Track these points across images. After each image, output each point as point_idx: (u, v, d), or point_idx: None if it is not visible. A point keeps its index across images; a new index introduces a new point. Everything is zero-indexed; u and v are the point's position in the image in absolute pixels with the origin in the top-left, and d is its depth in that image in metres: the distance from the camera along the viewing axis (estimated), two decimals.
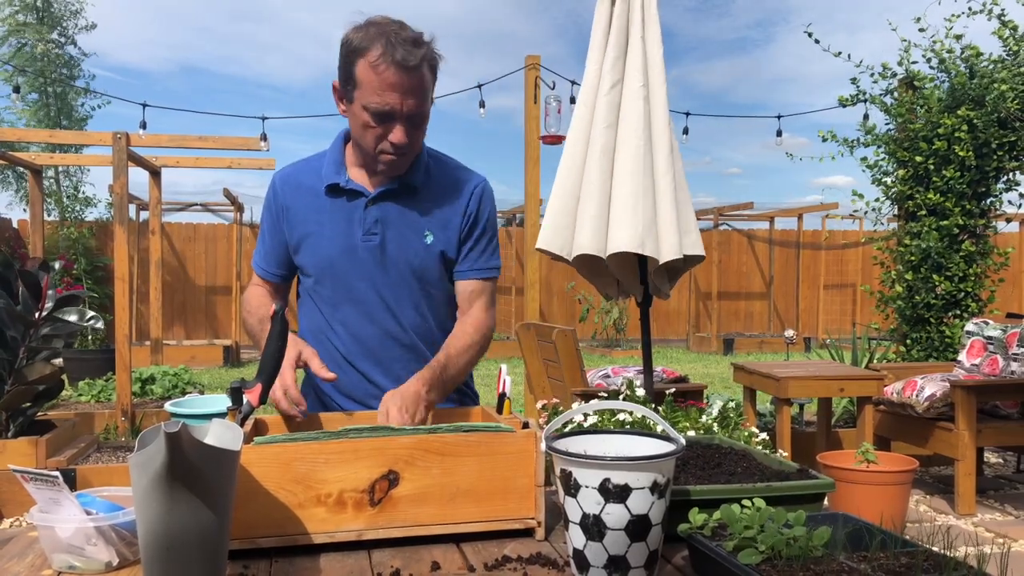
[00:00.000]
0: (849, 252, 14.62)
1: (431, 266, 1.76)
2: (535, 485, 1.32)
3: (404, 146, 1.65)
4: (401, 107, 1.60)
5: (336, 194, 1.75)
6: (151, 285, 8.84)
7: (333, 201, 1.75)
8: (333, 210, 1.75)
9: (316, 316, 1.81)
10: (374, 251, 1.73)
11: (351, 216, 1.74)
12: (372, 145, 1.66)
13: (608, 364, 6.99)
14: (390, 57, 1.56)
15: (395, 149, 1.65)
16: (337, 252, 1.74)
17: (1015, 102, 5.13)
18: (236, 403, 1.43)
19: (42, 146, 11.01)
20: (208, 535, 1.03)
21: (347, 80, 1.63)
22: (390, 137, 1.63)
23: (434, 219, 1.76)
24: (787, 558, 1.06)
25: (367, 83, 1.59)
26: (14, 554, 1.26)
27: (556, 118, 6.41)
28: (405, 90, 1.59)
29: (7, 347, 3.91)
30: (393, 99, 1.59)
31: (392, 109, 1.60)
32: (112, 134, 5.83)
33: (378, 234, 1.73)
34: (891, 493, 3.59)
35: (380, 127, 1.63)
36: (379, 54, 1.57)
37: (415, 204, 1.75)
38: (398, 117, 1.62)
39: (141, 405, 5.91)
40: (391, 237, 1.73)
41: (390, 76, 1.57)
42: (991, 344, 4.77)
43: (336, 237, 1.74)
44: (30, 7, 12.02)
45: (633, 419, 1.89)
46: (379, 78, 1.58)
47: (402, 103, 1.60)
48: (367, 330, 1.76)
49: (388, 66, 1.57)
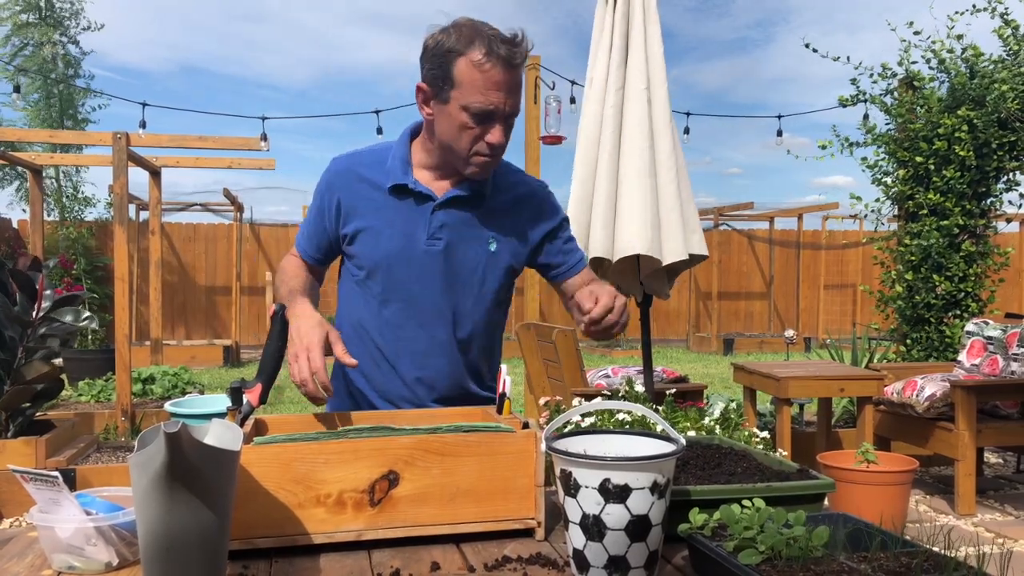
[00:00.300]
0: (849, 252, 14.63)
1: (493, 275, 1.74)
2: (535, 485, 1.32)
3: (500, 147, 1.63)
4: (504, 106, 1.59)
5: (402, 195, 1.71)
6: (151, 285, 8.85)
7: (397, 201, 1.71)
8: (397, 210, 1.71)
9: (360, 308, 1.78)
10: (437, 256, 1.70)
11: (416, 219, 1.70)
12: (467, 146, 1.62)
13: (608, 364, 6.99)
14: (495, 56, 1.55)
15: (491, 150, 1.62)
16: (396, 252, 1.71)
17: (1015, 102, 5.13)
18: (236, 403, 1.43)
19: (43, 146, 11.01)
20: (208, 535, 1.03)
21: (442, 80, 1.59)
22: (487, 137, 1.61)
23: (500, 227, 1.74)
24: (787, 558, 1.06)
25: (469, 82, 1.56)
26: (14, 554, 1.26)
27: (556, 118, 6.41)
28: (508, 89, 1.58)
29: (5, 347, 3.91)
30: (497, 98, 1.57)
31: (495, 108, 1.58)
32: (112, 134, 5.84)
33: (442, 239, 1.70)
34: (891, 493, 3.59)
35: (479, 127, 1.60)
36: (483, 53, 1.55)
37: (481, 211, 1.72)
38: (498, 117, 1.60)
39: (141, 405, 5.91)
40: (455, 243, 1.71)
41: (495, 75, 1.56)
42: (991, 344, 4.77)
43: (397, 237, 1.71)
44: (33, 6, 12.02)
45: (633, 419, 1.89)
46: (484, 76, 1.55)
47: (505, 102, 1.58)
48: (415, 333, 1.74)
49: (494, 64, 1.55)
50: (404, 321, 1.74)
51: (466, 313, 1.75)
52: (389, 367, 1.77)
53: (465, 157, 1.64)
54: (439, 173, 1.73)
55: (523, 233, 1.77)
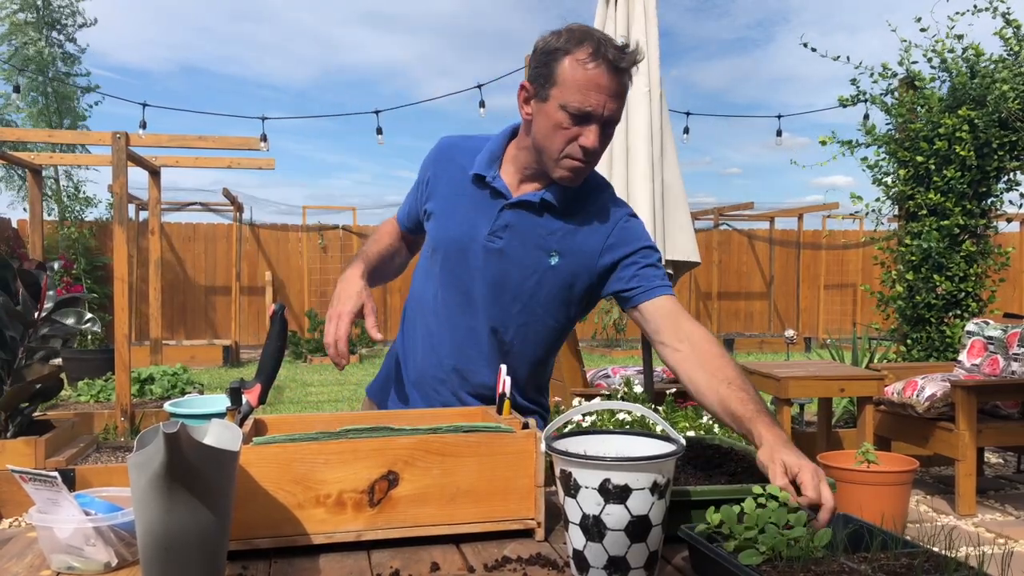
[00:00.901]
0: (849, 252, 14.63)
1: (547, 288, 1.69)
2: (535, 485, 1.32)
3: (594, 152, 1.59)
4: (602, 109, 1.55)
5: (480, 185, 1.71)
6: (151, 285, 8.84)
7: (475, 191, 1.72)
8: (472, 200, 1.72)
9: (423, 285, 1.81)
10: (493, 254, 1.68)
11: (486, 212, 1.70)
12: (560, 147, 1.59)
13: (608, 364, 6.99)
14: (601, 56, 1.53)
15: (584, 154, 1.58)
16: (457, 239, 1.71)
17: (1016, 102, 5.13)
18: (235, 403, 1.43)
19: (42, 146, 11.01)
20: (207, 536, 1.02)
21: (545, 79, 1.58)
22: (581, 140, 1.57)
23: (566, 243, 1.68)
24: (788, 559, 1.05)
25: (571, 81, 1.54)
26: (13, 554, 1.26)
27: None
28: (610, 92, 1.55)
29: (6, 347, 3.91)
30: (597, 100, 1.54)
31: (593, 110, 1.55)
32: (112, 134, 5.83)
33: (503, 239, 1.68)
34: (891, 493, 3.59)
35: (574, 128, 1.57)
36: (589, 52, 1.53)
37: (551, 221, 1.68)
38: (596, 119, 1.56)
39: (140, 405, 5.91)
40: (515, 246, 1.68)
41: (598, 75, 1.53)
42: (992, 344, 4.77)
43: (463, 225, 1.71)
44: (30, 5, 12.02)
45: (632, 419, 1.89)
46: (586, 75, 1.53)
47: (604, 105, 1.55)
48: (459, 321, 1.74)
49: (598, 65, 1.53)
50: (453, 307, 1.74)
51: (511, 318, 1.71)
52: (431, 349, 1.78)
53: (556, 158, 1.60)
54: (525, 175, 1.70)
55: (591, 255, 1.69)
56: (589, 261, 1.69)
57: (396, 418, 1.60)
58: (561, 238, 1.68)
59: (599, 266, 1.69)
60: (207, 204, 13.20)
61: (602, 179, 1.78)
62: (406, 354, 1.86)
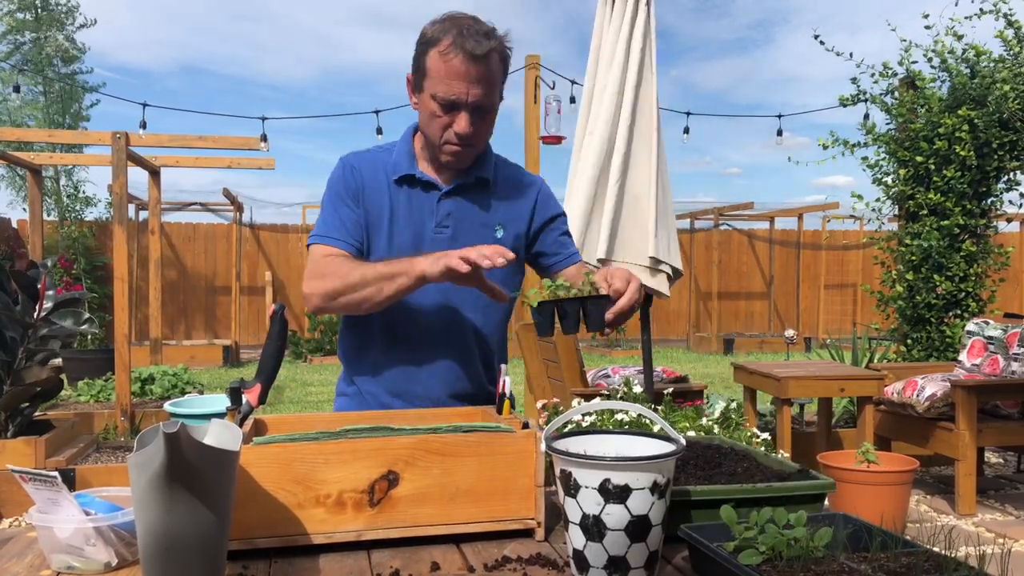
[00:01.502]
0: (850, 252, 14.63)
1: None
2: (535, 485, 1.31)
3: (468, 136, 1.66)
4: (467, 96, 1.62)
5: (408, 185, 1.76)
6: (151, 285, 8.85)
7: (407, 191, 1.76)
8: (405, 201, 1.76)
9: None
10: (444, 244, 1.72)
11: (424, 207, 1.75)
12: (438, 135, 1.68)
13: (608, 364, 6.99)
14: (459, 46, 1.59)
15: (460, 139, 1.66)
16: (406, 242, 1.74)
17: (1016, 102, 5.13)
18: (235, 403, 1.43)
19: (41, 145, 11.01)
20: (207, 536, 1.02)
21: (418, 71, 1.66)
22: (455, 127, 1.65)
23: (504, 214, 1.78)
24: (788, 559, 1.05)
25: (436, 72, 1.62)
26: (13, 554, 1.26)
27: (556, 118, 6.41)
28: (472, 79, 1.61)
29: (6, 348, 3.91)
30: (460, 88, 1.61)
31: (457, 98, 1.62)
32: (112, 134, 5.84)
33: (449, 227, 1.74)
34: (891, 493, 3.59)
35: (446, 116, 1.65)
36: (449, 43, 1.60)
37: (486, 199, 1.77)
38: (463, 106, 1.63)
39: (140, 405, 5.91)
40: (463, 230, 1.74)
41: (458, 64, 1.60)
42: (992, 344, 4.77)
43: (406, 228, 1.75)
44: (29, 5, 12.02)
45: (630, 419, 1.89)
46: (447, 66, 1.60)
47: (468, 91, 1.62)
48: (430, 322, 1.75)
49: (456, 54, 1.59)
50: (420, 311, 1.75)
51: (478, 301, 1.75)
52: (414, 365, 1.77)
53: (438, 145, 1.70)
54: (440, 164, 1.76)
55: (526, 219, 1.81)
56: (524, 224, 1.80)
57: (396, 418, 1.60)
58: (501, 211, 1.77)
59: (532, 228, 1.82)
60: (207, 204, 13.20)
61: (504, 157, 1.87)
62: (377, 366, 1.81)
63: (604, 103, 3.75)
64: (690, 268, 14.79)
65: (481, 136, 1.71)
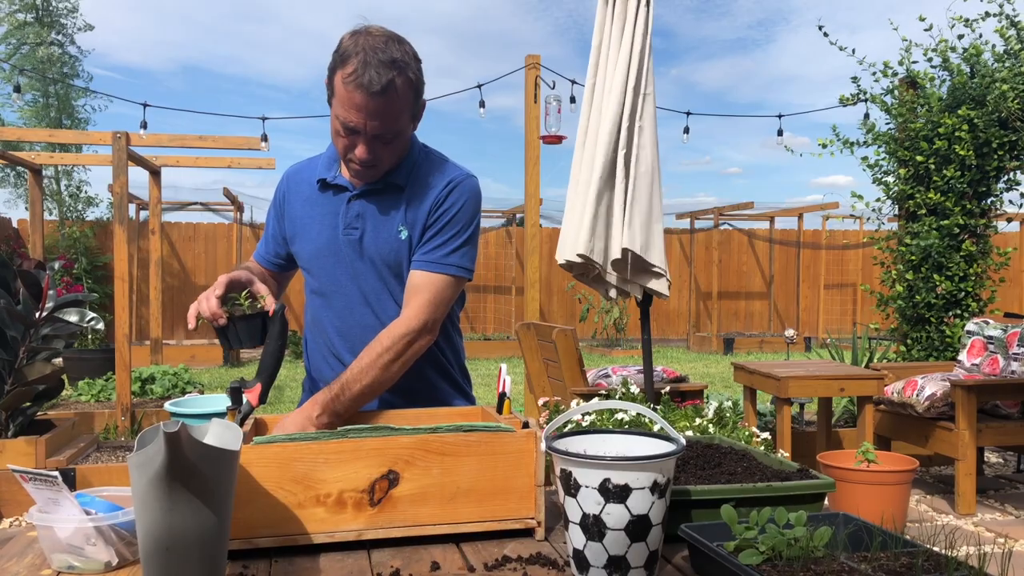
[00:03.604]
0: (849, 252, 14.63)
1: (404, 260, 1.76)
2: (535, 485, 1.32)
3: (367, 160, 1.67)
4: (363, 126, 1.62)
5: (325, 189, 1.80)
6: (151, 285, 8.85)
7: (322, 195, 1.80)
8: (322, 204, 1.80)
9: (312, 309, 1.86)
10: (354, 245, 1.75)
11: (336, 210, 1.77)
12: (342, 151, 1.70)
13: (608, 364, 6.99)
14: (357, 78, 1.57)
15: (359, 162, 1.67)
16: (323, 245, 1.78)
17: (1016, 102, 5.13)
18: (236, 403, 1.43)
19: (42, 145, 11.02)
20: (207, 535, 1.03)
21: (329, 85, 1.66)
22: (355, 151, 1.66)
23: (409, 214, 1.76)
24: (788, 559, 1.06)
25: (339, 95, 1.62)
26: (13, 554, 1.26)
27: (556, 118, 6.41)
28: (369, 112, 1.60)
29: (7, 347, 3.91)
30: (357, 118, 1.61)
31: (355, 126, 1.62)
32: (112, 134, 5.84)
33: (358, 228, 1.75)
34: (891, 493, 3.59)
35: (348, 137, 1.65)
36: (350, 72, 1.58)
37: (395, 201, 1.76)
38: (360, 134, 1.64)
39: (141, 405, 5.91)
40: (368, 231, 1.75)
41: (355, 97, 1.59)
42: (991, 344, 4.77)
43: (323, 231, 1.78)
44: (29, 6, 12.02)
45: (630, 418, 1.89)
46: (347, 95, 1.59)
47: (365, 123, 1.61)
48: (349, 322, 1.79)
49: (355, 87, 1.58)
50: (340, 312, 1.79)
51: (390, 297, 1.77)
52: (335, 359, 1.80)
53: (344, 160, 1.72)
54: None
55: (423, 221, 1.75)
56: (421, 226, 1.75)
57: (396, 418, 1.60)
58: (407, 212, 1.76)
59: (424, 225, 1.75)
60: (207, 204, 13.20)
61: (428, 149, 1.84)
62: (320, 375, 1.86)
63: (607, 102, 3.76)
64: (690, 268, 14.79)
65: (384, 159, 1.70)
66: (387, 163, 1.72)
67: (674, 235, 14.72)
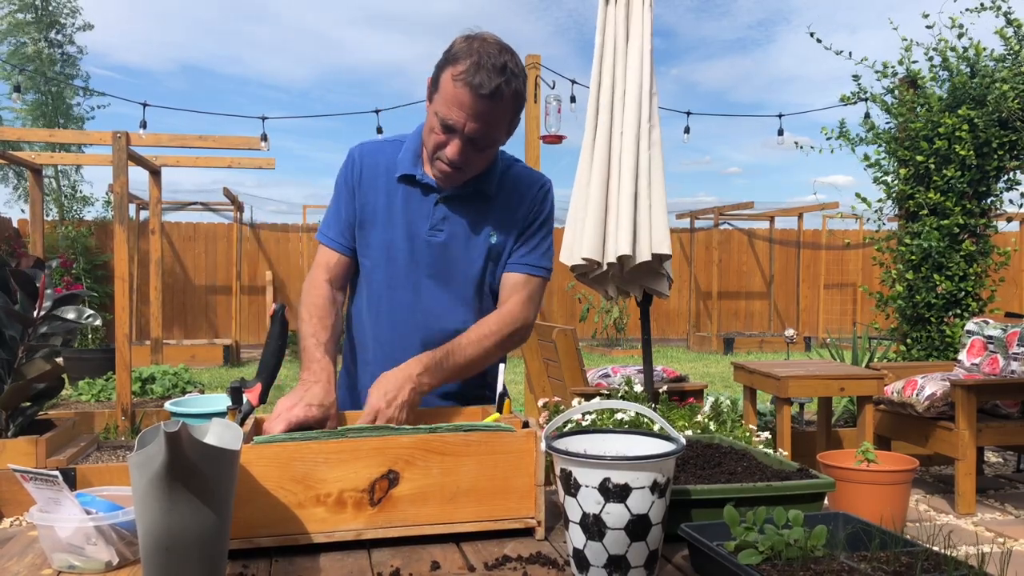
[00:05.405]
0: (849, 252, 14.63)
1: (492, 268, 1.78)
2: (535, 485, 1.32)
3: (456, 162, 1.66)
4: (463, 126, 1.62)
5: (410, 184, 1.77)
6: (151, 284, 8.85)
7: (406, 190, 1.77)
8: (404, 199, 1.77)
9: (369, 299, 1.82)
10: (436, 247, 1.75)
11: (420, 208, 1.76)
12: (432, 149, 1.69)
13: (608, 363, 6.99)
14: (467, 78, 1.58)
15: (448, 161, 1.67)
16: (400, 240, 1.76)
17: (1016, 101, 5.13)
18: (236, 403, 1.43)
19: (42, 145, 11.01)
20: (208, 535, 1.03)
21: (434, 82, 1.67)
22: (447, 149, 1.65)
23: (498, 221, 1.77)
24: (787, 559, 1.06)
25: (444, 92, 1.62)
26: (14, 553, 1.26)
27: (556, 118, 6.40)
28: (472, 113, 1.61)
29: (5, 346, 3.91)
30: (458, 116, 1.61)
31: (454, 124, 1.62)
32: (112, 133, 5.84)
33: (443, 231, 1.75)
34: (891, 493, 3.59)
35: (443, 135, 1.65)
36: (461, 70, 1.59)
37: (483, 206, 1.77)
38: (459, 134, 1.63)
39: (141, 404, 5.91)
40: (455, 236, 1.75)
41: (462, 95, 1.59)
42: (991, 343, 4.77)
43: (402, 226, 1.76)
44: (28, 6, 12.02)
45: (630, 419, 1.89)
46: (454, 92, 1.60)
47: (465, 123, 1.62)
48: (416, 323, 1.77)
49: (464, 86, 1.59)
50: (406, 311, 1.77)
51: (466, 305, 1.77)
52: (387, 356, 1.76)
53: (431, 158, 1.71)
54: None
55: (518, 226, 1.80)
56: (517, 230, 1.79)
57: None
58: (495, 218, 1.76)
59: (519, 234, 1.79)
60: (207, 204, 13.20)
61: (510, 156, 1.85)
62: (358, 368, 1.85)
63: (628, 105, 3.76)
64: (690, 267, 14.79)
65: (473, 166, 1.70)
66: (474, 171, 1.72)
67: (674, 235, 14.70)
